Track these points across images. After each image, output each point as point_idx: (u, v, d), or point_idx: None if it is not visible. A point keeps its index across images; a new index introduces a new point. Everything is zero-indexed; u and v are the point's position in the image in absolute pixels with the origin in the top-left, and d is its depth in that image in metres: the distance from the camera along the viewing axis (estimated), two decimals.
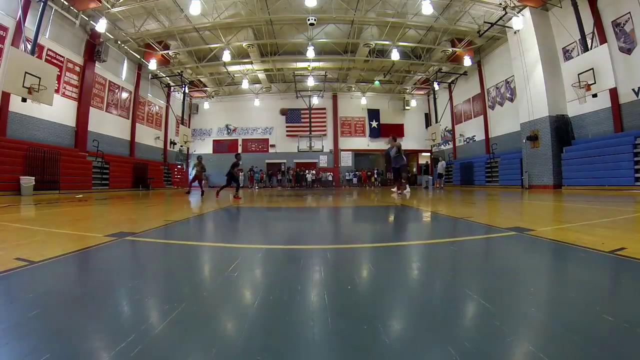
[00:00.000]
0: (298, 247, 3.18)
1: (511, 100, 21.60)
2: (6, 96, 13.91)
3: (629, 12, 13.72)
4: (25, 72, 12.72)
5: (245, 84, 30.20)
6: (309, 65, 27.28)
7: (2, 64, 13.96)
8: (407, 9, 19.81)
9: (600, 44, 14.01)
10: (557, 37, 17.52)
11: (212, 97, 34.23)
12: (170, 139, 29.73)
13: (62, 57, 17.73)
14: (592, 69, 13.31)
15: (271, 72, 29.96)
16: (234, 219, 6.24)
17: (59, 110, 17.11)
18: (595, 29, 14.30)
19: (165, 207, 9.18)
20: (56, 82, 15.94)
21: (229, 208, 7.90)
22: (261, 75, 30.04)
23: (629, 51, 13.80)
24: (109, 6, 17.28)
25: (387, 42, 22.90)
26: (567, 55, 16.88)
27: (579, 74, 13.86)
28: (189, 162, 33.64)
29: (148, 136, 26.55)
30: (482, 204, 8.93)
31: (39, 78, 13.17)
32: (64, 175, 16.23)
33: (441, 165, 24.48)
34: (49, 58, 16.79)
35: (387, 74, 28.79)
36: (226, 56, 23.16)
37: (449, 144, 29.92)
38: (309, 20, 19.56)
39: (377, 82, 31.46)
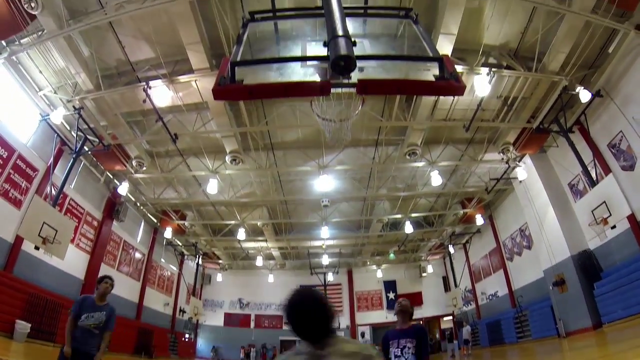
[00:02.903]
0: None
1: (529, 248, 21.03)
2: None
3: (621, 131, 14.18)
4: (44, 222, 12.83)
5: (259, 261, 30.25)
6: (323, 244, 27.70)
7: (24, 203, 14.41)
8: (417, 180, 20.68)
9: (603, 171, 14.38)
10: (561, 175, 17.89)
11: (226, 269, 34.03)
12: (180, 307, 28.58)
13: (83, 209, 18.35)
14: (604, 202, 13.23)
15: (285, 250, 30.27)
16: None
17: (70, 260, 16.78)
18: (594, 158, 14.76)
19: None
20: (72, 234, 16.17)
21: None
22: (275, 253, 30.32)
23: (631, 167, 13.87)
24: (133, 171, 18.27)
25: (399, 216, 23.43)
26: (575, 189, 17.04)
27: (592, 211, 13.77)
28: (197, 333, 31.75)
29: (157, 301, 25.58)
30: None
31: (56, 230, 13.25)
32: (62, 329, 15.04)
33: (466, 331, 22.60)
34: (70, 208, 17.37)
35: (402, 245, 28.91)
36: (241, 234, 23.67)
37: (471, 304, 28.20)
38: (322, 202, 20.36)
39: (392, 255, 31.47)
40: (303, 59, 3.68)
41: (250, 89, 3.31)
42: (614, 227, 13.23)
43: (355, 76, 3.09)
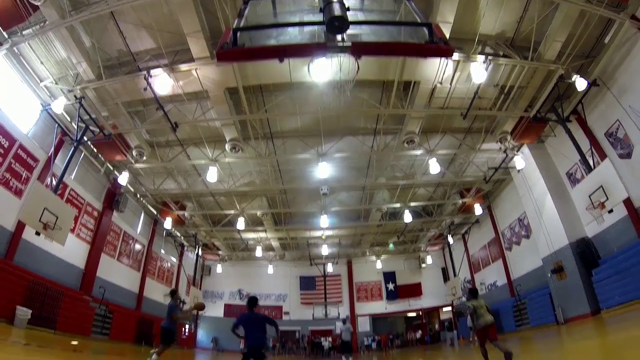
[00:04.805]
0: None
1: (527, 237, 21.15)
2: (22, 223, 13.91)
3: (618, 120, 14.31)
4: (45, 208, 12.83)
5: (259, 252, 30.32)
6: (322, 234, 27.79)
7: (25, 193, 14.51)
8: (415, 169, 20.70)
9: (600, 159, 14.34)
10: (559, 164, 18.04)
11: (225, 260, 34.20)
12: (181, 298, 28.64)
13: (83, 199, 18.45)
14: (601, 186, 13.20)
15: (285, 241, 30.38)
16: None
17: (70, 250, 16.99)
18: (592, 146, 14.84)
19: None
20: (73, 222, 16.25)
21: None
22: (275, 243, 30.40)
23: (628, 155, 13.99)
24: (133, 161, 18.33)
25: (398, 205, 23.45)
26: (572, 178, 17.14)
27: (589, 195, 13.73)
28: (198, 324, 31.87)
29: (157, 292, 25.67)
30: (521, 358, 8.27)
31: (57, 217, 13.24)
32: (63, 316, 15.18)
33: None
34: (71, 198, 17.45)
35: (401, 235, 28.96)
36: (240, 224, 23.65)
37: None
38: (321, 190, 20.39)
39: (391, 246, 31.59)
40: (300, 24, 3.80)
41: (251, 51, 3.42)
42: (611, 211, 13.21)
43: (350, 40, 3.19)
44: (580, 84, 13.64)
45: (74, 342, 13.53)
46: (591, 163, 14.43)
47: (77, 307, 16.62)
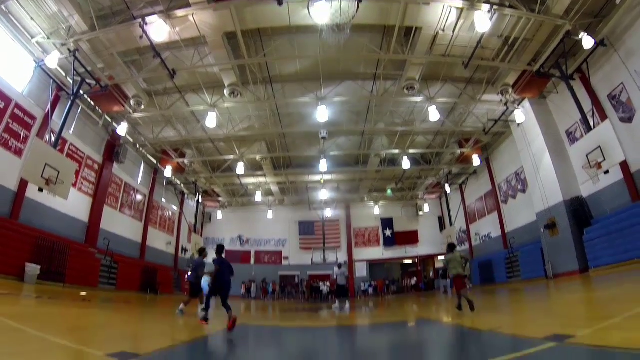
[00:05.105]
0: None
1: (523, 191, 21.46)
2: (24, 182, 14.14)
3: (622, 83, 14.16)
4: (46, 164, 12.89)
5: (258, 197, 30.45)
6: (321, 179, 27.86)
7: (25, 152, 14.53)
8: (415, 116, 20.55)
9: (601, 120, 14.26)
10: (559, 121, 17.98)
11: (226, 207, 34.65)
12: (182, 246, 29.52)
13: (83, 153, 18.55)
14: (599, 146, 13.21)
15: (284, 185, 30.49)
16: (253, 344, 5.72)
17: (73, 204, 17.30)
18: (594, 107, 14.69)
19: (171, 320, 8.83)
20: (74, 177, 16.39)
21: (245, 327, 7.35)
22: (274, 188, 30.55)
23: (629, 120, 13.96)
24: (131, 111, 18.29)
25: (397, 152, 23.48)
26: (571, 137, 17.12)
27: (587, 155, 13.77)
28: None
29: (160, 241, 26.46)
30: (509, 307, 8.48)
31: (58, 172, 13.32)
32: (70, 269, 15.71)
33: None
34: (71, 153, 17.52)
35: (399, 181, 29.19)
36: (240, 169, 23.64)
37: (464, 245, 29.11)
38: (321, 134, 20.21)
39: (389, 192, 31.69)
40: None
41: None
42: (607, 172, 13.36)
43: None
44: (587, 42, 13.42)
45: (83, 293, 14.07)
46: (592, 123, 14.37)
47: (84, 260, 17.13)
